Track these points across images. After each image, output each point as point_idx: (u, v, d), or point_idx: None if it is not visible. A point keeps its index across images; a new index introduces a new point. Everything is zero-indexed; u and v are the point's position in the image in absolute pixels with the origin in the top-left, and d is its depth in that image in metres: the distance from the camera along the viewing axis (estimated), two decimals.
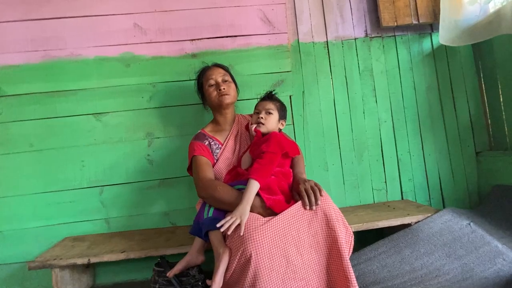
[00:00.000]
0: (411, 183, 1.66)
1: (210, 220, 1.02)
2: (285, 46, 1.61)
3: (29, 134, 1.48)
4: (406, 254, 1.23)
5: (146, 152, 1.53)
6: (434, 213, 1.34)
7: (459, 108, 1.69)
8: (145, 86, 1.54)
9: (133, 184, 1.51)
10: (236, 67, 1.56)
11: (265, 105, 1.19)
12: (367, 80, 1.67)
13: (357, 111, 1.66)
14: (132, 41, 1.54)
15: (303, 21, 1.66)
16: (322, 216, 0.97)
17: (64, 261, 1.19)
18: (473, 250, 1.19)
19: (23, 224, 1.45)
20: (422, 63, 1.69)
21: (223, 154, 1.24)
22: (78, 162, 1.49)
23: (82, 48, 1.52)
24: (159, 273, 1.14)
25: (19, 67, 1.49)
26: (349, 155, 1.64)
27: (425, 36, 1.70)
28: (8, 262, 1.44)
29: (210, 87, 1.26)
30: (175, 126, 1.55)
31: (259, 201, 1.00)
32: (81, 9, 1.53)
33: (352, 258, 1.24)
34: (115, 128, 1.52)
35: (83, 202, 1.48)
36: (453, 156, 1.67)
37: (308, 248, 0.95)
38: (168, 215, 1.53)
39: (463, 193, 1.66)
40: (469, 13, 1.54)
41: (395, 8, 1.62)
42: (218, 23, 1.58)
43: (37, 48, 1.50)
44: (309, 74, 1.65)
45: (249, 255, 0.89)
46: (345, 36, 1.68)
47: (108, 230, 1.50)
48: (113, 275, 1.48)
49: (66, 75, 1.51)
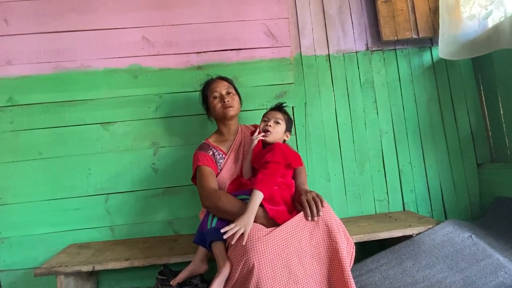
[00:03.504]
0: (412, 194, 1.66)
1: (213, 231, 1.04)
2: (288, 59, 1.66)
3: (39, 143, 1.52)
4: (408, 266, 1.24)
5: (151, 161, 1.56)
6: (436, 225, 1.34)
7: (459, 120, 1.71)
8: (151, 96, 1.59)
9: (138, 192, 1.54)
10: (240, 79, 1.60)
11: (274, 114, 1.23)
12: (368, 92, 1.70)
13: (359, 122, 1.68)
14: (140, 53, 1.60)
15: (306, 35, 1.71)
16: (324, 227, 0.98)
17: (69, 268, 1.21)
18: (474, 262, 1.19)
19: (30, 231, 1.48)
20: (423, 76, 1.72)
21: (226, 164, 1.26)
22: (85, 170, 1.53)
23: (92, 60, 1.58)
24: (162, 282, 1.16)
25: (31, 77, 1.55)
26: (350, 166, 1.66)
27: (425, 49, 1.74)
28: (14, 268, 1.46)
29: (214, 99, 1.30)
30: (180, 135, 1.59)
31: (262, 211, 1.02)
32: (92, 23, 1.59)
33: (354, 269, 1.24)
34: (122, 137, 1.56)
35: (89, 209, 1.51)
36: (454, 167, 1.68)
37: (310, 258, 0.96)
38: (171, 224, 1.55)
39: (465, 205, 1.66)
40: (468, 28, 1.58)
41: (395, 23, 1.67)
42: (223, 36, 1.64)
43: (49, 60, 1.56)
44: (311, 86, 1.69)
45: (251, 265, 0.91)
46: (347, 50, 1.72)
47: (113, 237, 1.52)
48: (116, 282, 1.49)
49: (76, 86, 1.56)
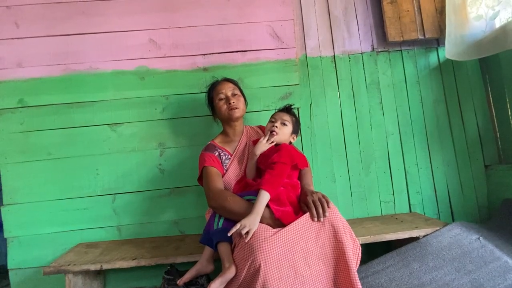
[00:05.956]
0: (419, 195, 1.65)
1: (220, 231, 1.05)
2: (293, 60, 1.66)
3: (48, 143, 1.55)
4: (415, 268, 1.23)
5: (158, 161, 1.58)
6: (443, 227, 1.33)
7: (467, 121, 1.69)
8: (158, 98, 1.61)
9: (144, 193, 1.56)
10: (245, 80, 1.62)
11: (282, 115, 1.23)
12: (374, 93, 1.70)
13: (364, 124, 1.68)
14: (147, 56, 1.62)
15: (311, 36, 1.72)
16: (330, 228, 0.98)
17: (78, 267, 1.23)
18: (482, 265, 1.18)
19: (39, 230, 1.51)
20: (429, 77, 1.71)
21: (232, 165, 1.27)
22: (93, 170, 1.55)
23: (100, 62, 1.60)
24: (169, 281, 1.17)
25: (41, 79, 1.58)
26: (356, 167, 1.65)
27: (431, 50, 1.73)
28: (23, 267, 1.48)
29: (220, 101, 1.31)
30: (186, 136, 1.60)
31: (268, 212, 1.03)
32: (100, 26, 1.61)
33: (360, 270, 1.24)
34: (129, 138, 1.58)
35: (96, 209, 1.53)
36: (461, 169, 1.66)
37: (316, 259, 0.96)
38: (177, 224, 1.57)
39: (473, 207, 1.64)
40: (475, 29, 1.57)
41: (401, 23, 1.66)
42: (228, 38, 1.65)
43: (58, 62, 1.59)
44: (317, 87, 1.69)
45: (258, 265, 0.91)
46: (352, 51, 1.72)
47: (120, 237, 1.54)
48: (123, 281, 1.51)
49: (84, 87, 1.58)
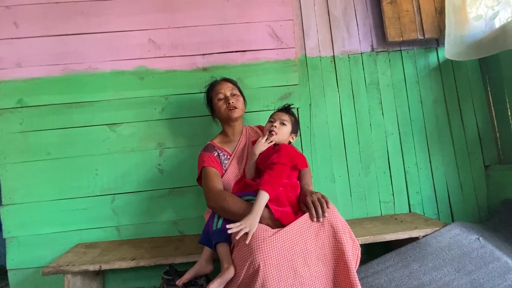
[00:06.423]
0: (418, 196, 1.65)
1: (219, 232, 1.05)
2: (292, 60, 1.66)
3: (47, 143, 1.54)
4: (414, 268, 1.22)
5: (157, 161, 1.58)
6: (442, 227, 1.33)
7: (466, 121, 1.69)
8: (157, 98, 1.60)
9: (143, 193, 1.56)
10: (245, 80, 1.61)
11: (281, 115, 1.23)
12: (374, 93, 1.70)
13: (364, 124, 1.68)
14: (146, 56, 1.62)
15: (311, 36, 1.71)
16: (329, 228, 0.98)
17: (77, 267, 1.23)
18: (482, 265, 1.18)
19: (38, 230, 1.50)
20: (429, 77, 1.71)
21: (231, 165, 1.27)
22: (92, 170, 1.55)
23: (99, 62, 1.60)
24: (168, 281, 1.17)
25: (40, 79, 1.58)
26: (356, 167, 1.65)
27: (431, 50, 1.73)
28: (22, 267, 1.48)
29: (219, 101, 1.31)
30: (185, 137, 1.60)
31: (267, 212, 1.03)
32: (99, 26, 1.61)
33: (359, 270, 1.24)
34: (128, 138, 1.58)
35: (96, 209, 1.53)
36: (461, 169, 1.66)
37: (315, 260, 0.96)
38: (176, 224, 1.56)
39: (472, 207, 1.64)
40: (474, 29, 1.57)
41: (401, 23, 1.66)
42: (228, 38, 1.65)
43: (58, 62, 1.59)
44: (316, 87, 1.69)
45: (257, 266, 0.91)
46: (352, 51, 1.72)
47: (119, 237, 1.54)
48: (122, 282, 1.51)
49: (83, 88, 1.58)
